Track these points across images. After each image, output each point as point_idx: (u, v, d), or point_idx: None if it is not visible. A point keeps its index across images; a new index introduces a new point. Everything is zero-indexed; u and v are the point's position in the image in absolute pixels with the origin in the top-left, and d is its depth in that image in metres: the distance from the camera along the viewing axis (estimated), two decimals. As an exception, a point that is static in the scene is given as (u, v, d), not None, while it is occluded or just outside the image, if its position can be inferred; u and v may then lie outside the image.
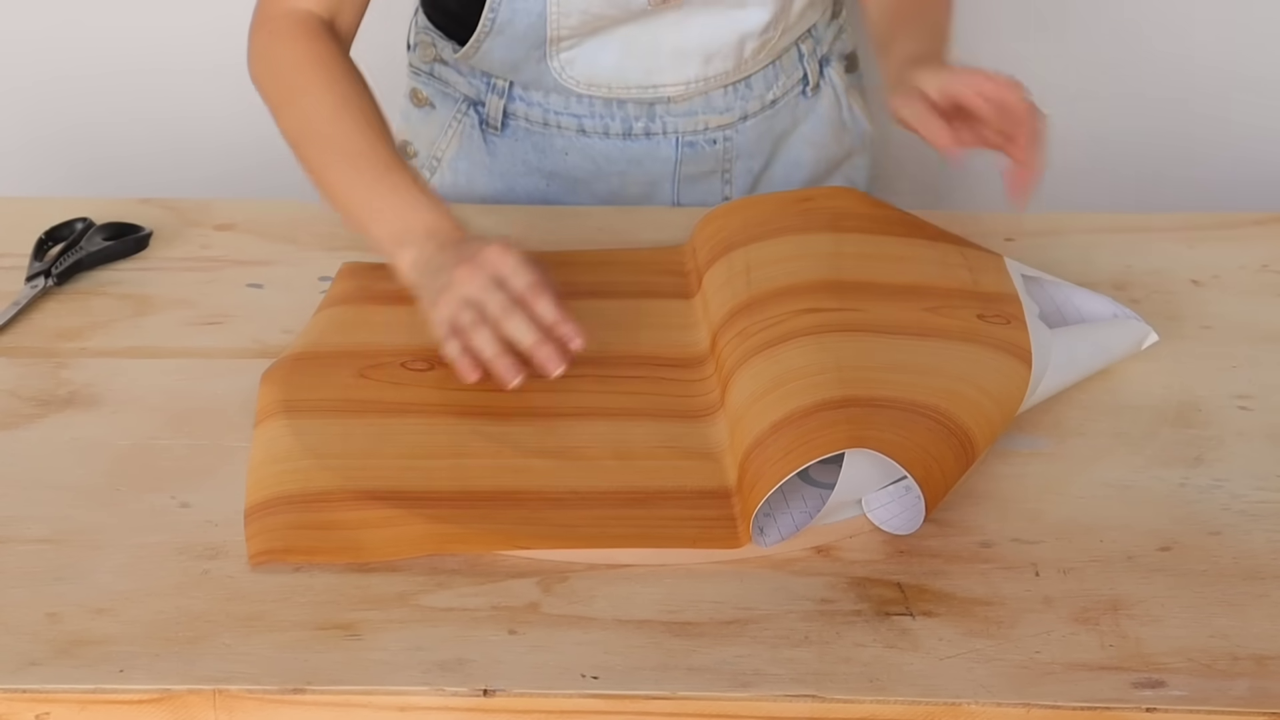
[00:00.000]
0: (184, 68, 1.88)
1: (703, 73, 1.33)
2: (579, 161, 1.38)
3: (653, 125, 1.36)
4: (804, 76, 1.41)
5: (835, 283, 1.10)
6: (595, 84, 1.33)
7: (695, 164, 1.38)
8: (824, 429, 0.93)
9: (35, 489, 0.99)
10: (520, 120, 1.37)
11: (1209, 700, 0.83)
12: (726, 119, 1.37)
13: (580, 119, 1.35)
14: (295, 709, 0.84)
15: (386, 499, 0.96)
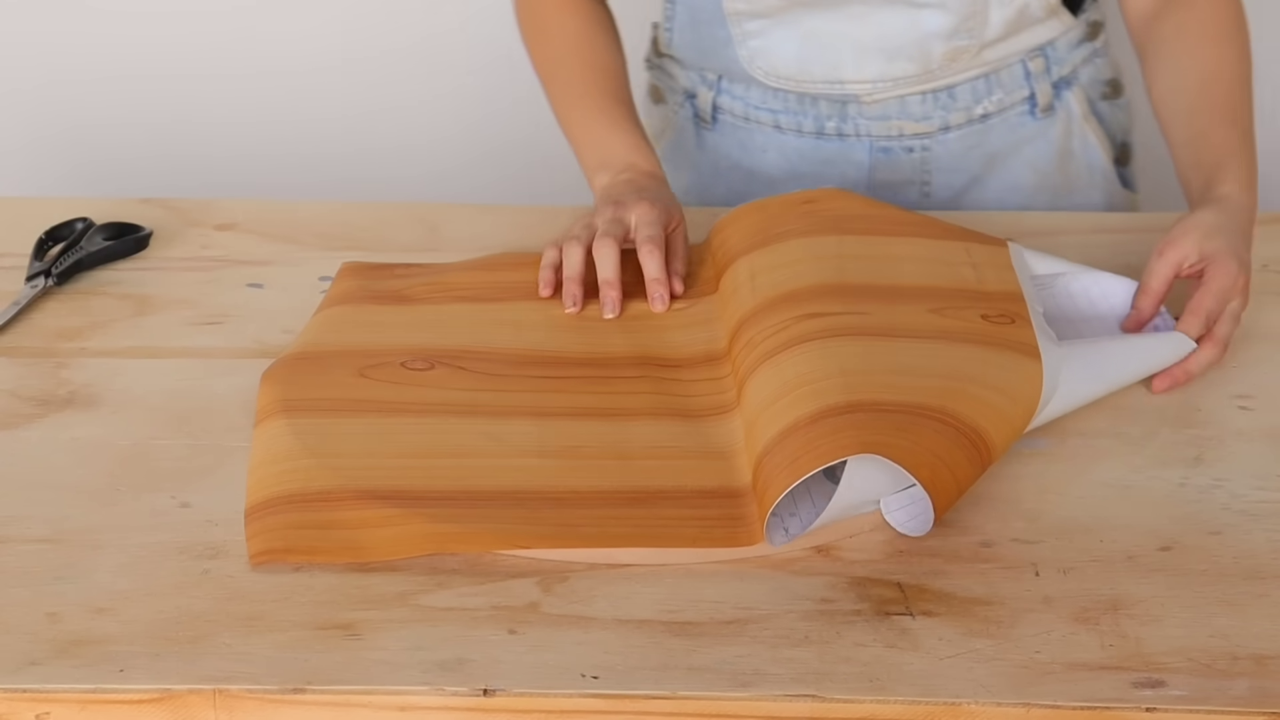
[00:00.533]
0: (184, 69, 1.88)
1: (886, 71, 1.33)
2: (776, 160, 1.40)
3: (845, 126, 1.37)
4: (1030, 96, 1.37)
5: (838, 286, 1.09)
6: (781, 76, 1.35)
7: (890, 171, 1.38)
8: (829, 435, 0.93)
9: (35, 489, 0.99)
10: (726, 115, 1.41)
11: (1209, 700, 0.83)
12: (924, 127, 1.36)
13: (776, 114, 1.38)
14: (295, 709, 0.84)
15: (387, 498, 0.96)
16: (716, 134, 1.42)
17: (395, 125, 1.92)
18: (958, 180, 1.39)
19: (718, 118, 1.41)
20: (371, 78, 1.90)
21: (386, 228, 1.31)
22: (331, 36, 1.88)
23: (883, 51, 1.31)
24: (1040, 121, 1.38)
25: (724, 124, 1.41)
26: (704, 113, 1.42)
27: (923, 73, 1.33)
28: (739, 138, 1.41)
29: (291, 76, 1.89)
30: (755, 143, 1.40)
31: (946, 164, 1.38)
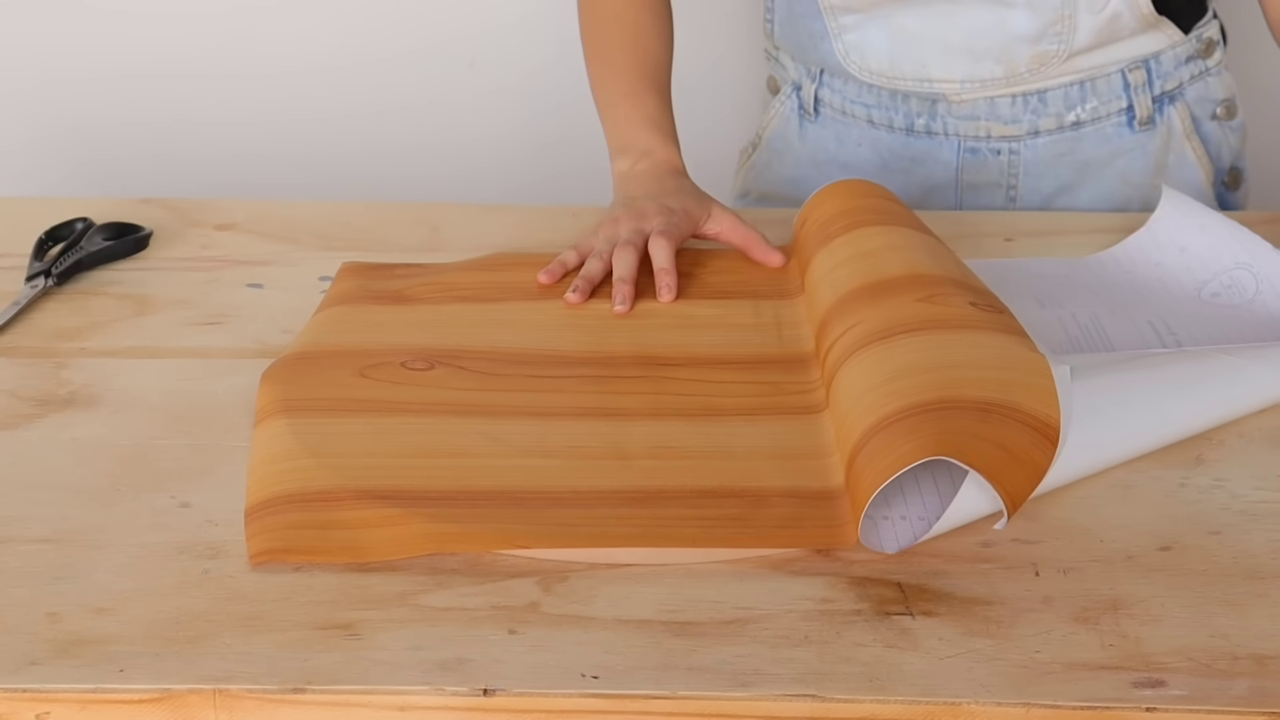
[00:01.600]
0: (184, 70, 1.88)
1: (973, 72, 1.33)
2: (869, 155, 1.42)
3: (934, 124, 1.38)
4: (1129, 108, 1.36)
5: (837, 303, 1.09)
6: (873, 71, 1.37)
7: (977, 172, 1.39)
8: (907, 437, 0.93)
9: (35, 489, 0.99)
10: (827, 107, 1.43)
11: (1209, 700, 0.83)
12: (1013, 130, 1.36)
13: (870, 109, 1.40)
14: (295, 709, 0.84)
15: (387, 498, 0.96)
16: (818, 126, 1.45)
17: (395, 125, 1.92)
18: (1046, 186, 1.39)
19: (819, 110, 1.44)
20: (371, 78, 1.90)
21: (386, 228, 1.31)
22: (332, 36, 1.88)
23: (969, 52, 1.33)
24: (1138, 134, 1.37)
25: (825, 116, 1.44)
26: (808, 105, 1.45)
27: (1009, 75, 1.33)
28: (836, 130, 1.44)
29: (291, 76, 1.89)
30: (851, 136, 1.43)
31: (1035, 169, 1.38)
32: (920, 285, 1.08)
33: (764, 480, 0.98)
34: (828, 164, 1.45)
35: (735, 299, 1.19)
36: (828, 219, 1.19)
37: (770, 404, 1.06)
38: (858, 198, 1.21)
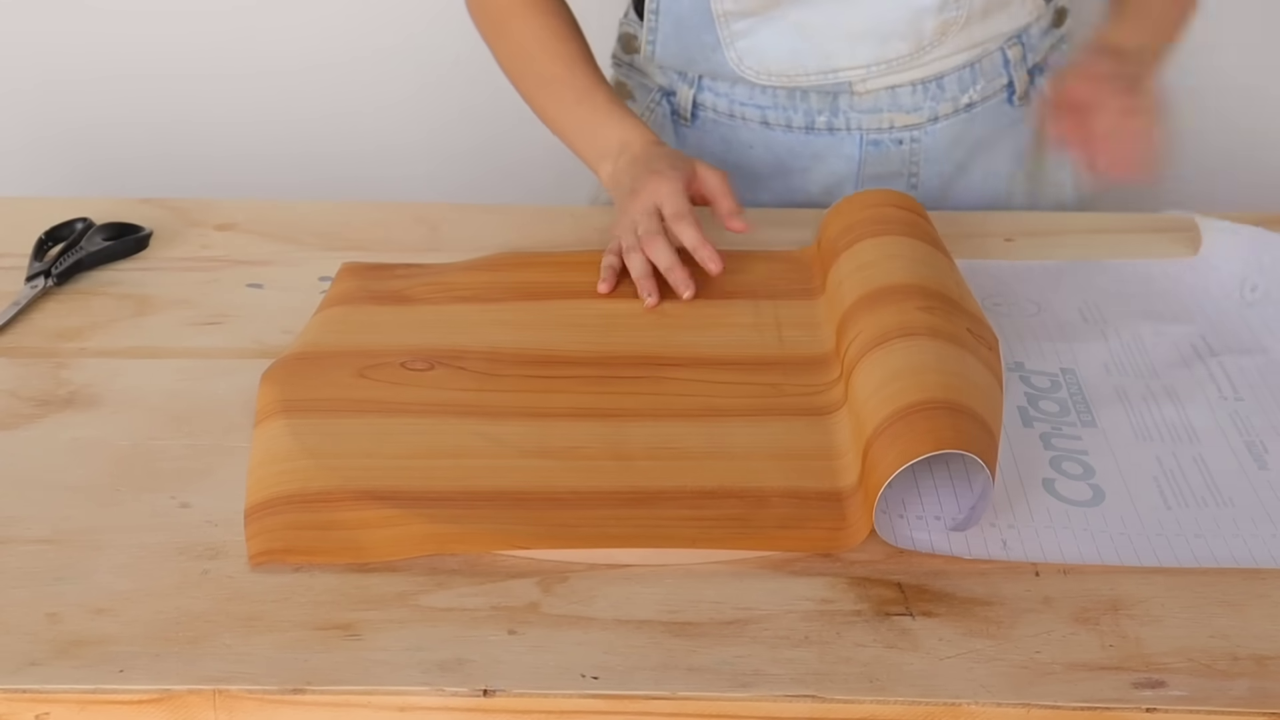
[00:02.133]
0: (184, 70, 1.88)
1: (880, 54, 1.32)
2: (763, 155, 1.39)
3: (835, 120, 1.36)
4: (1009, 84, 1.38)
5: (844, 314, 1.10)
6: (773, 73, 1.34)
7: (880, 164, 1.38)
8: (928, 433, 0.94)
9: (35, 489, 0.99)
10: (709, 111, 1.39)
11: (1209, 700, 0.83)
12: (915, 119, 1.36)
13: (764, 110, 1.37)
14: (295, 709, 0.84)
15: (386, 499, 0.96)
16: (697, 131, 1.41)
17: (395, 125, 1.92)
18: (945, 170, 1.40)
19: (698, 114, 1.40)
20: (372, 77, 1.90)
21: (386, 228, 1.31)
22: (332, 36, 1.88)
23: (875, 33, 1.31)
24: (1018, 109, 1.40)
25: (705, 120, 1.40)
26: (683, 110, 1.40)
27: (915, 51, 1.33)
28: (721, 134, 1.40)
29: (292, 76, 1.89)
30: (740, 139, 1.39)
31: (934, 155, 1.38)
32: (923, 296, 1.08)
33: (764, 481, 0.98)
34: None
35: (735, 299, 1.19)
36: (851, 225, 1.19)
37: (770, 405, 1.06)
38: (878, 206, 1.21)
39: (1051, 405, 1.06)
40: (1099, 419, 1.05)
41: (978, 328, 1.07)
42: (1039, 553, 0.93)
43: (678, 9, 1.33)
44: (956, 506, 0.96)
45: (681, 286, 1.16)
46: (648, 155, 1.25)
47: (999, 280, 1.23)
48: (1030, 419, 1.05)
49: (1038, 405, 1.06)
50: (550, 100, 1.32)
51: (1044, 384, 1.09)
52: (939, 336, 1.03)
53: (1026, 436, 1.03)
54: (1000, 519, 0.95)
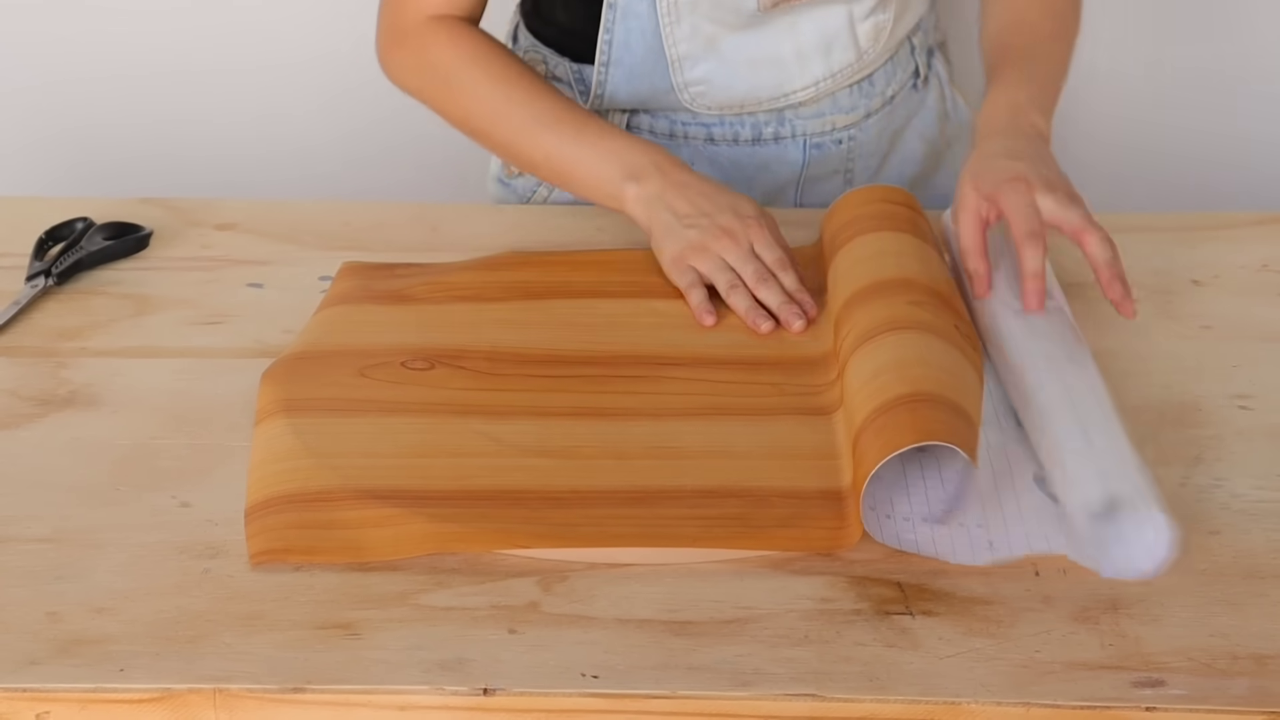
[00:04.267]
0: (184, 69, 1.88)
1: (827, 69, 1.33)
2: (705, 169, 1.38)
3: (782, 129, 1.36)
4: (915, 70, 1.41)
5: (839, 311, 1.11)
6: (727, 106, 1.34)
7: (821, 165, 1.39)
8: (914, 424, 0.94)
9: (35, 489, 0.99)
10: (644, 132, 1.37)
11: (1209, 699, 0.83)
12: (852, 118, 1.37)
13: (709, 128, 1.36)
14: (295, 708, 0.84)
15: (386, 498, 0.96)
16: None
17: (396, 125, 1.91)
18: (874, 163, 1.42)
19: (633, 131, 1.36)
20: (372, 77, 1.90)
21: (386, 227, 1.31)
22: (332, 36, 1.88)
23: (820, 47, 1.32)
24: (921, 92, 1.43)
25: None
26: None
27: (856, 60, 1.34)
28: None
29: (292, 76, 1.89)
30: (681, 154, 1.37)
31: (865, 149, 1.40)
32: (913, 291, 1.08)
33: (764, 480, 0.98)
34: None
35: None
36: (848, 221, 1.19)
37: (770, 404, 1.06)
38: (874, 203, 1.21)
39: None
40: None
41: (964, 326, 1.07)
42: (1025, 547, 0.93)
43: (630, 58, 1.31)
44: (945, 507, 0.96)
45: (795, 319, 1.13)
46: (698, 181, 1.22)
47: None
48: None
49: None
50: (544, 137, 1.25)
51: None
52: (927, 330, 1.03)
53: (1019, 435, 1.02)
54: (989, 519, 0.95)
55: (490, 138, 1.29)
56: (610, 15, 1.28)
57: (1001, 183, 1.12)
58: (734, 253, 1.17)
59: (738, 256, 1.17)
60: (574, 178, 1.25)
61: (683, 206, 1.20)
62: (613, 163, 1.23)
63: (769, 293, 1.15)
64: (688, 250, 1.18)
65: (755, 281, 1.16)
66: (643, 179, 1.22)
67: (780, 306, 1.14)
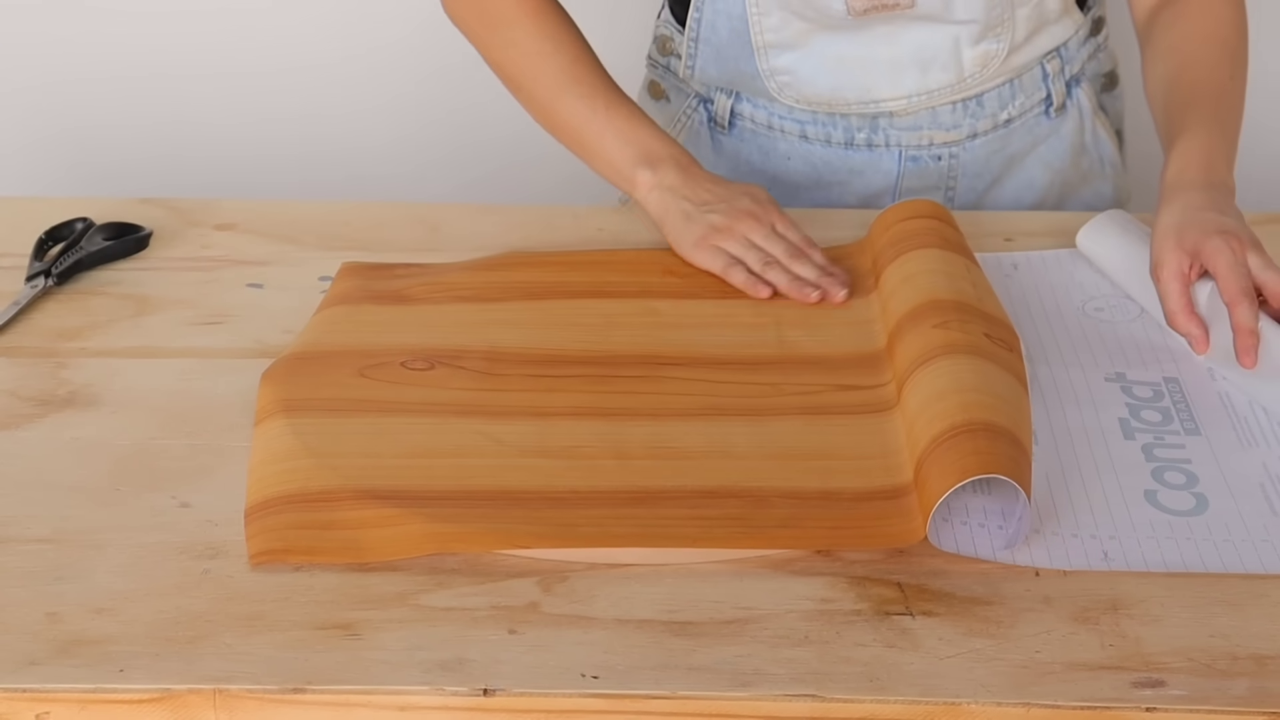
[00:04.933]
0: (184, 70, 1.88)
1: (922, 84, 1.32)
2: (800, 167, 1.39)
3: (875, 137, 1.36)
4: (1047, 96, 1.38)
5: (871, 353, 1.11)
6: (811, 100, 1.34)
7: (918, 179, 1.38)
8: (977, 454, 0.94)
9: (35, 489, 0.99)
10: (746, 121, 1.39)
11: (1209, 700, 0.83)
12: (954, 135, 1.36)
13: (803, 125, 1.37)
14: (295, 709, 0.84)
15: (386, 498, 0.96)
16: (734, 139, 1.40)
17: (396, 125, 1.92)
18: (980, 184, 1.39)
19: (735, 123, 1.39)
20: (372, 77, 1.90)
21: (386, 228, 1.31)
22: (332, 36, 1.88)
23: (916, 64, 1.31)
24: (1054, 120, 1.39)
25: (742, 130, 1.39)
26: (720, 119, 1.40)
27: (957, 82, 1.33)
28: (759, 144, 1.39)
29: (292, 76, 1.89)
30: (778, 150, 1.39)
31: (971, 169, 1.38)
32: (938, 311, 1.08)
33: (764, 480, 0.98)
34: (752, 176, 1.40)
35: (735, 299, 1.19)
36: (892, 240, 1.20)
37: (771, 404, 1.06)
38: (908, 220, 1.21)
39: (1154, 415, 1.05)
40: (1202, 426, 1.04)
41: (996, 330, 1.07)
42: (1141, 563, 0.92)
43: (716, 39, 1.33)
44: (1001, 516, 0.96)
45: (838, 288, 1.17)
46: (712, 178, 1.25)
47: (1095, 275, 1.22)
48: (1132, 430, 1.03)
49: (1140, 416, 1.05)
50: (574, 104, 1.28)
51: (1146, 394, 1.07)
52: (959, 353, 1.03)
53: (1128, 449, 1.02)
54: (1101, 530, 0.95)
55: (525, 90, 1.30)
56: (700, 4, 1.31)
57: (1209, 238, 1.10)
58: (759, 232, 1.20)
59: (764, 235, 1.20)
60: (592, 151, 1.28)
61: (699, 194, 1.22)
62: (633, 147, 1.25)
63: (805, 267, 1.18)
64: (711, 233, 1.20)
65: (789, 257, 1.18)
66: (658, 168, 1.24)
67: (820, 278, 1.17)
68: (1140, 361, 1.11)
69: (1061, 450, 1.01)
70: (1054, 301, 1.19)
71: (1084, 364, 1.11)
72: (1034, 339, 1.14)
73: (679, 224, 1.22)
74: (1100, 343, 1.14)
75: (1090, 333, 1.15)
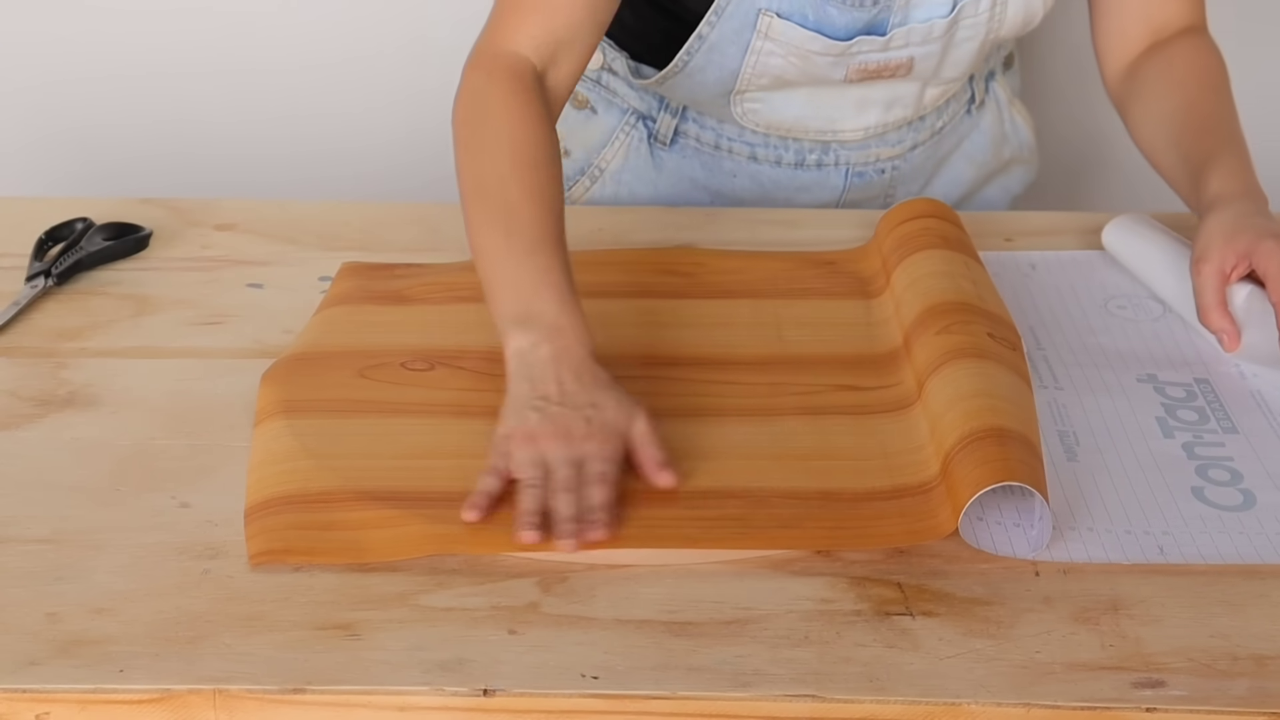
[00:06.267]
0: (184, 69, 1.88)
1: (883, 120, 1.34)
2: (746, 184, 1.38)
3: (825, 158, 1.37)
4: (971, 97, 1.40)
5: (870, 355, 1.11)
6: (775, 127, 1.34)
7: (861, 191, 1.39)
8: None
9: (35, 489, 0.99)
10: (691, 140, 1.37)
11: (1209, 700, 0.83)
12: (898, 150, 1.37)
13: (753, 147, 1.36)
14: (295, 709, 0.84)
15: (386, 499, 0.96)
16: (676, 155, 1.39)
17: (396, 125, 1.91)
18: (914, 187, 1.42)
19: (679, 140, 1.38)
20: (372, 77, 1.90)
21: (386, 228, 1.31)
22: (332, 36, 1.88)
23: (882, 105, 1.33)
24: (974, 116, 1.42)
25: (685, 147, 1.38)
26: (662, 136, 1.38)
27: (914, 116, 1.35)
28: (702, 160, 1.39)
29: (291, 76, 1.89)
30: (723, 168, 1.38)
31: (907, 177, 1.40)
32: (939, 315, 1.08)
33: (764, 481, 0.98)
34: (694, 190, 1.39)
35: (735, 299, 1.19)
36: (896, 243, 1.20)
37: (771, 404, 1.06)
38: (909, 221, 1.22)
39: (1190, 414, 1.06)
40: (1239, 425, 1.05)
41: (999, 329, 1.07)
42: (1197, 556, 0.93)
43: (700, 77, 1.30)
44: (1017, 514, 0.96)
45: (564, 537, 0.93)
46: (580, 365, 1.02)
47: (1116, 275, 1.23)
48: (1170, 429, 1.04)
49: (1176, 415, 1.06)
50: (495, 238, 1.09)
51: (1179, 394, 1.08)
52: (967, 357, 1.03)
53: (1168, 448, 1.02)
54: (1154, 526, 0.95)
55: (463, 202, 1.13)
56: (697, 44, 1.27)
57: (1263, 240, 1.10)
58: (557, 454, 0.97)
59: (559, 458, 0.97)
60: (489, 289, 1.07)
61: (546, 386, 1.00)
62: (522, 301, 1.04)
63: (564, 504, 0.94)
64: (517, 432, 0.98)
65: (559, 489, 0.95)
66: (534, 331, 1.02)
67: (564, 521, 0.93)
68: (1170, 363, 1.12)
69: (1104, 449, 1.02)
70: (1076, 301, 1.19)
71: (1114, 364, 1.11)
72: (1060, 339, 1.14)
73: (507, 406, 1.00)
74: (1127, 342, 1.14)
75: (1116, 332, 1.15)
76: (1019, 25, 1.29)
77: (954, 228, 1.21)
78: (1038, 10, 1.29)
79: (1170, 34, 1.30)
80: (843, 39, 1.24)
